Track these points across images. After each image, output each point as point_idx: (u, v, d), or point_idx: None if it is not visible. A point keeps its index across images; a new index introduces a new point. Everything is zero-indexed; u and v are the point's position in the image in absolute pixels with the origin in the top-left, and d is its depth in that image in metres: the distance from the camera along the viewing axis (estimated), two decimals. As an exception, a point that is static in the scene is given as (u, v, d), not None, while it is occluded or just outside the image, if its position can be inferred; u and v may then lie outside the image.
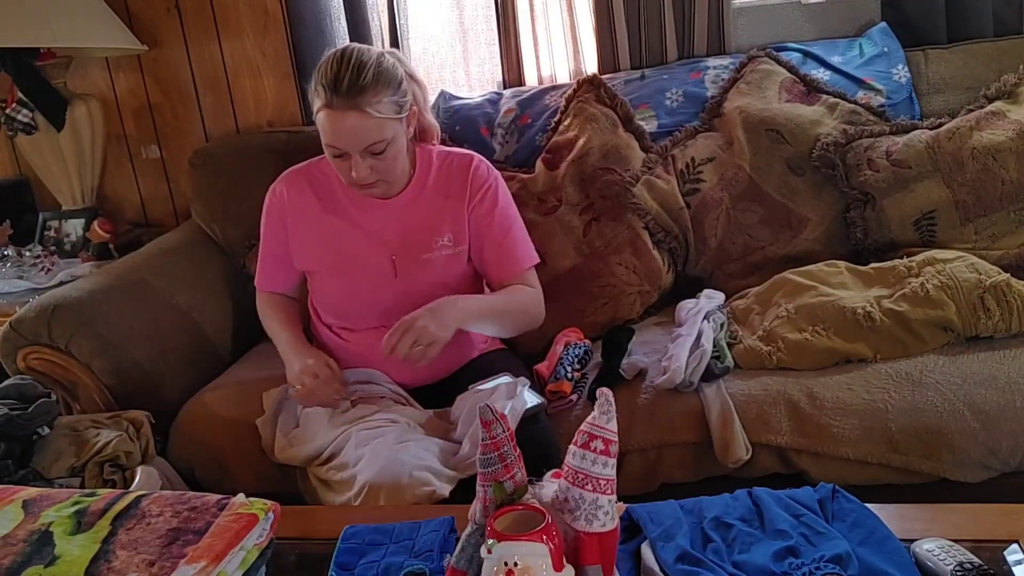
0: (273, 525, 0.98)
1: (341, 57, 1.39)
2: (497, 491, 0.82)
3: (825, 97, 1.97)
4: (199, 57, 2.42)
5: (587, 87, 2.04)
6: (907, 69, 2.00)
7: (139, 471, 1.50)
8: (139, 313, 1.82)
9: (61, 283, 2.09)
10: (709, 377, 1.54)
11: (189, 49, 2.42)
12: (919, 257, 1.67)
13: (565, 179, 1.94)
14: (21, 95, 2.32)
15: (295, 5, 2.27)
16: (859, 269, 1.73)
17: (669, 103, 2.08)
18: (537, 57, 2.29)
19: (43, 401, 1.54)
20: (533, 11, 2.25)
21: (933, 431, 1.41)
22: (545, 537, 0.75)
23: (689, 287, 1.93)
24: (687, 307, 1.74)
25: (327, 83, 1.38)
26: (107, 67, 2.49)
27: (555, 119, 2.08)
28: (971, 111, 1.87)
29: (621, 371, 1.61)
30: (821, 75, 2.02)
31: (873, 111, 1.95)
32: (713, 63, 2.12)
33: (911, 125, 1.91)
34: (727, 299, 1.81)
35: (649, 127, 2.03)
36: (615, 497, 0.81)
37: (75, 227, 2.41)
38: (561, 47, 2.29)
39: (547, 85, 2.25)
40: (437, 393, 1.59)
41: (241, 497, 0.99)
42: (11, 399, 1.53)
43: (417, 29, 2.32)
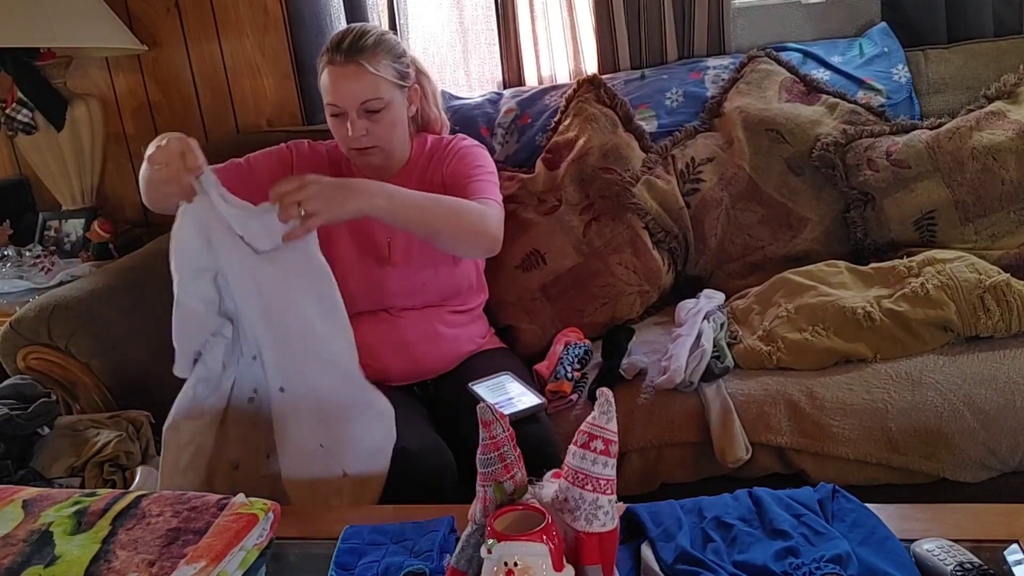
0: (273, 525, 0.98)
1: (347, 27, 1.54)
2: (497, 491, 0.82)
3: (825, 97, 1.97)
4: (199, 57, 2.42)
5: (587, 87, 2.04)
6: (907, 69, 2.00)
7: (139, 471, 1.50)
8: (139, 313, 1.82)
9: (61, 283, 2.09)
10: (709, 377, 1.54)
11: (189, 49, 2.42)
12: (919, 257, 1.67)
13: (565, 179, 1.94)
14: (21, 95, 2.32)
15: (295, 5, 2.27)
16: (859, 269, 1.73)
17: (669, 103, 2.08)
18: (537, 57, 2.29)
19: (43, 401, 1.54)
20: (533, 11, 2.25)
21: (933, 431, 1.41)
22: (545, 537, 0.75)
23: (689, 287, 1.93)
24: (687, 307, 1.74)
25: (332, 45, 1.50)
26: (107, 67, 2.49)
27: (555, 119, 2.08)
28: (971, 111, 1.87)
29: (621, 371, 1.61)
30: (821, 75, 2.02)
31: (873, 111, 1.95)
32: (713, 63, 2.12)
33: (911, 125, 1.91)
34: (727, 299, 1.81)
35: (649, 127, 2.03)
36: (615, 497, 0.81)
37: (75, 227, 2.41)
38: (561, 47, 2.29)
39: (547, 85, 2.25)
40: (434, 390, 1.60)
41: (241, 497, 0.99)
42: (11, 399, 1.53)
43: (417, 29, 2.32)
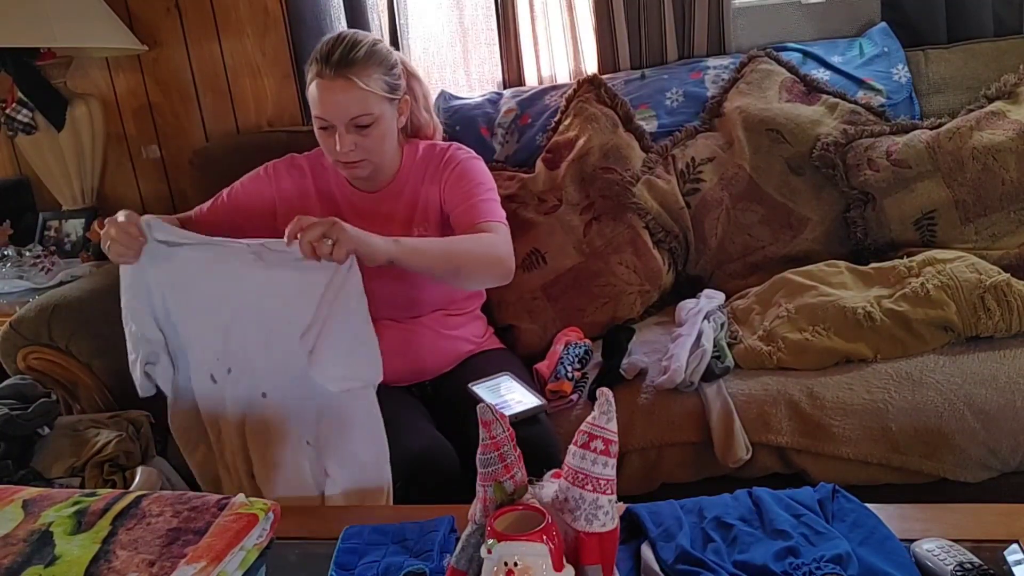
0: (273, 525, 0.98)
1: (337, 36, 1.46)
2: (497, 491, 0.82)
3: (825, 97, 1.98)
4: (199, 57, 2.42)
5: (587, 87, 2.04)
6: (907, 69, 2.00)
7: (139, 471, 1.50)
8: (139, 313, 1.82)
9: (61, 283, 2.09)
10: (709, 377, 1.54)
11: (189, 49, 2.42)
12: (919, 257, 1.67)
13: (565, 179, 1.94)
14: (21, 95, 2.32)
15: (295, 5, 2.27)
16: (859, 269, 1.73)
17: (669, 103, 2.08)
18: (537, 57, 2.30)
19: (43, 401, 1.54)
20: (533, 11, 2.25)
21: (933, 431, 1.41)
22: (545, 537, 0.75)
23: (689, 287, 1.93)
24: (687, 307, 1.74)
25: (320, 56, 1.44)
26: (107, 67, 2.49)
27: (555, 119, 2.08)
28: (971, 111, 1.87)
29: (621, 371, 1.61)
30: (821, 75, 2.02)
31: (873, 111, 1.95)
32: (713, 63, 2.12)
33: (911, 125, 1.91)
34: (727, 299, 1.81)
35: (649, 127, 2.04)
36: (615, 497, 0.81)
37: (75, 227, 2.41)
38: (561, 47, 2.29)
39: (547, 85, 2.25)
40: (433, 390, 1.60)
41: (241, 497, 0.99)
42: (11, 399, 1.53)
43: (417, 29, 2.32)
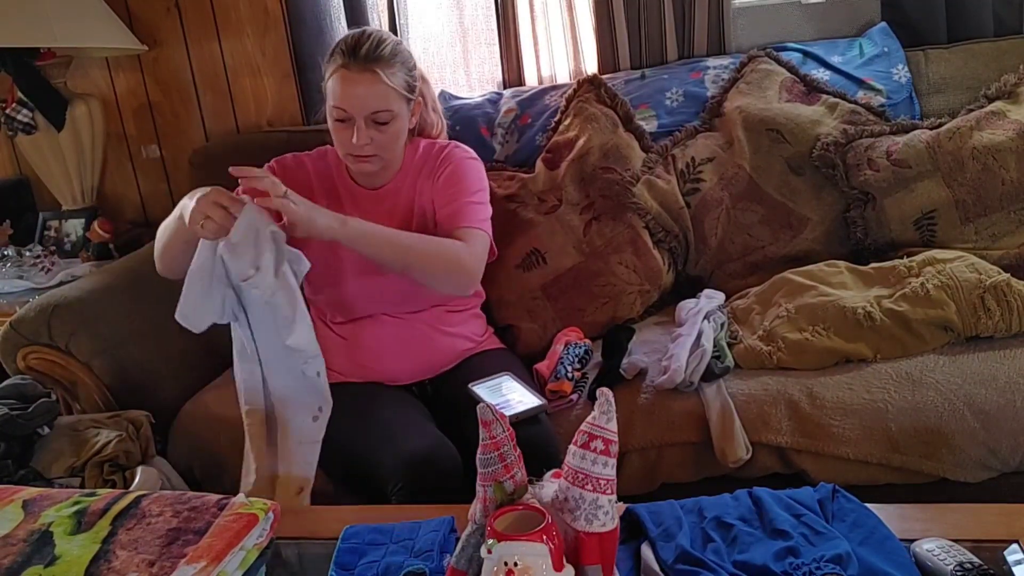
0: (273, 525, 0.98)
1: (363, 31, 1.48)
2: (497, 491, 0.82)
3: (825, 97, 1.97)
4: (199, 57, 2.42)
5: (587, 87, 2.04)
6: (907, 69, 2.00)
7: (139, 471, 1.50)
8: (139, 313, 1.82)
9: (61, 283, 2.09)
10: (709, 377, 1.54)
11: (189, 49, 2.42)
12: (919, 257, 1.67)
13: (565, 179, 1.94)
14: (21, 95, 2.32)
15: (295, 5, 2.27)
16: (859, 269, 1.73)
17: (669, 103, 2.08)
18: (537, 57, 2.29)
19: (43, 401, 1.54)
20: (533, 11, 2.25)
21: (933, 431, 1.41)
22: (545, 537, 0.75)
23: (689, 287, 1.93)
24: (687, 307, 1.74)
25: (346, 48, 1.45)
26: (107, 67, 2.49)
27: (555, 119, 2.08)
28: (971, 111, 1.87)
29: (621, 371, 1.61)
30: (821, 75, 2.02)
31: (873, 111, 1.95)
32: (713, 63, 2.12)
33: (911, 125, 1.91)
34: (727, 299, 1.81)
35: (649, 127, 2.03)
36: (615, 497, 0.81)
37: (75, 227, 2.41)
38: (561, 47, 2.29)
39: (547, 85, 2.25)
40: (433, 390, 1.60)
41: (241, 497, 0.99)
42: (11, 399, 1.53)
43: (417, 29, 2.32)
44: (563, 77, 2.31)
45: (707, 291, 1.81)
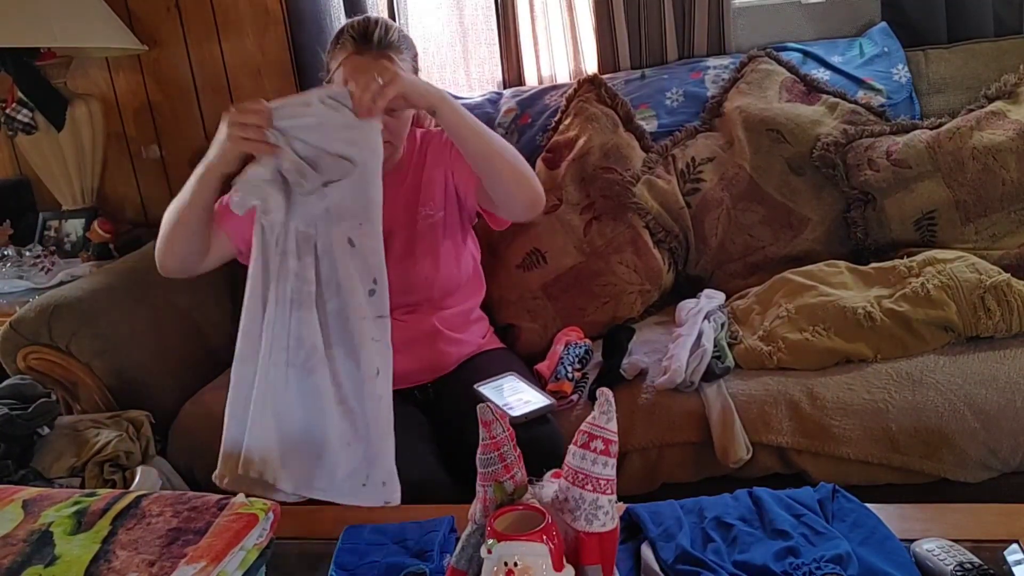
0: (273, 525, 0.98)
1: (367, 18, 1.47)
2: (497, 491, 0.82)
3: (825, 97, 1.97)
4: (199, 57, 2.42)
5: (587, 87, 2.04)
6: (907, 69, 2.00)
7: (139, 471, 1.50)
8: (139, 313, 1.82)
9: (61, 283, 2.09)
10: (709, 377, 1.54)
11: (189, 49, 2.42)
12: (919, 257, 1.67)
13: (566, 178, 1.94)
14: (21, 95, 2.32)
15: (295, 5, 2.27)
16: (859, 269, 1.73)
17: (669, 103, 2.08)
18: (537, 57, 2.30)
19: (43, 401, 1.54)
20: (533, 11, 2.25)
21: (933, 431, 1.41)
22: (545, 537, 0.75)
23: (689, 287, 1.93)
24: (687, 307, 1.74)
25: (357, 35, 1.43)
26: (107, 67, 2.49)
27: (555, 119, 2.08)
28: (971, 111, 1.87)
29: (622, 371, 1.61)
30: (821, 75, 2.02)
31: (873, 111, 1.95)
32: (713, 63, 2.12)
33: (911, 125, 1.91)
34: (727, 299, 1.81)
35: (649, 127, 2.03)
36: (615, 497, 0.81)
37: (75, 227, 2.41)
38: (561, 47, 2.29)
39: (547, 85, 2.25)
40: (435, 392, 1.60)
41: (241, 497, 0.99)
42: (11, 399, 1.53)
43: (417, 29, 2.33)
44: (563, 77, 2.31)
45: (707, 291, 1.81)
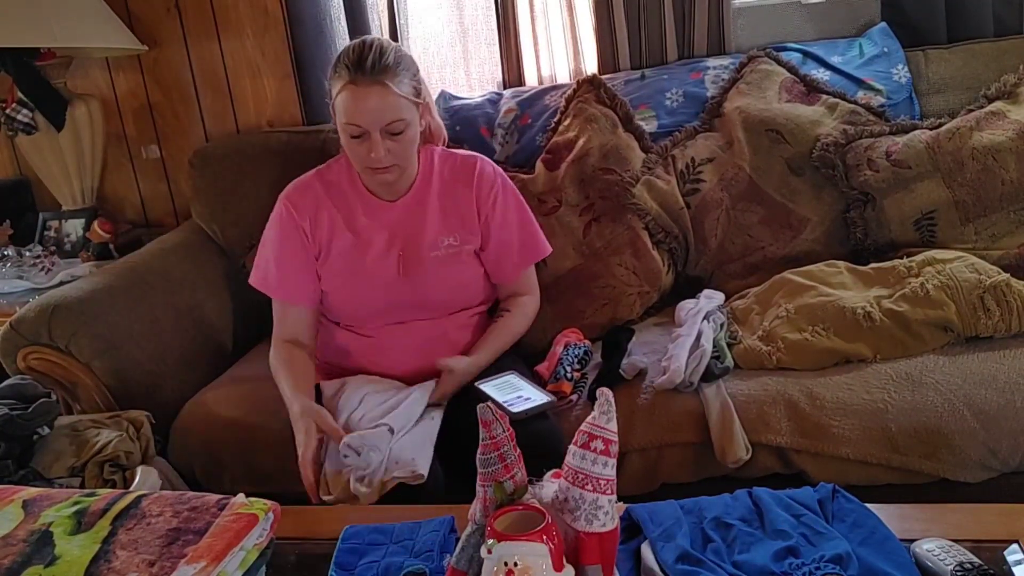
0: (273, 525, 0.98)
1: (363, 43, 1.46)
2: (497, 491, 0.82)
3: (825, 97, 1.97)
4: (199, 57, 2.42)
5: (587, 87, 2.04)
6: (907, 69, 2.00)
7: (139, 471, 1.50)
8: (139, 313, 1.82)
9: (61, 283, 2.09)
10: (709, 377, 1.54)
11: (189, 49, 2.42)
12: (919, 257, 1.67)
13: (565, 179, 1.93)
14: (21, 95, 2.32)
15: (295, 5, 2.27)
16: (859, 269, 1.73)
17: (669, 103, 2.08)
18: (537, 57, 2.29)
19: (43, 401, 1.54)
20: (533, 11, 2.25)
21: (933, 431, 1.41)
22: (545, 537, 0.75)
23: (689, 287, 1.93)
24: (687, 307, 1.74)
25: (351, 63, 1.43)
26: (107, 67, 2.49)
27: (555, 119, 2.07)
28: (971, 111, 1.87)
29: (621, 371, 1.61)
30: (821, 75, 2.02)
31: (873, 111, 1.95)
32: (713, 63, 2.12)
33: (911, 125, 1.91)
34: (727, 299, 1.81)
35: (649, 127, 2.03)
36: (615, 497, 0.81)
37: (75, 227, 2.41)
38: (561, 47, 2.29)
39: (547, 85, 2.25)
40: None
41: (241, 497, 0.99)
42: (11, 399, 1.53)
43: (417, 29, 2.32)
44: (563, 77, 2.30)
45: (706, 291, 1.81)
